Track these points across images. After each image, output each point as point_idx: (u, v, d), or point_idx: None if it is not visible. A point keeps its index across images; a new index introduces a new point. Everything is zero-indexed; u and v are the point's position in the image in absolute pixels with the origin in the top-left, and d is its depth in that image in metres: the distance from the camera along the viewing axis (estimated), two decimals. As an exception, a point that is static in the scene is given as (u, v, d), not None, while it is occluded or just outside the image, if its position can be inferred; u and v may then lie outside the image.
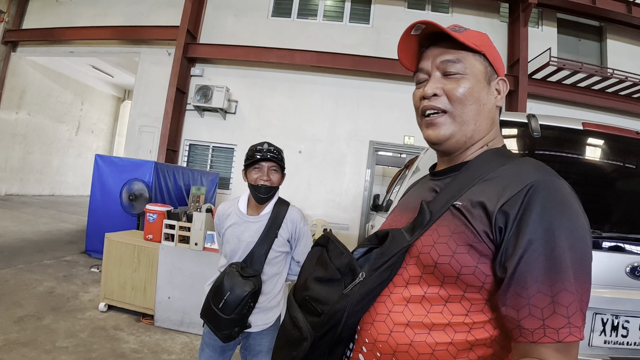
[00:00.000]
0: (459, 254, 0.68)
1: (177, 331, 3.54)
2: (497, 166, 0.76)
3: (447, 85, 0.80)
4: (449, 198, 0.76)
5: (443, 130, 0.81)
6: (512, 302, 0.61)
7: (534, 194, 0.64)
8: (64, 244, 6.28)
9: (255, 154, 1.76)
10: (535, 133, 1.92)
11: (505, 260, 0.64)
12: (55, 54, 10.07)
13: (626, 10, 8.19)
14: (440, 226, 0.73)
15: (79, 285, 4.42)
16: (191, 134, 8.78)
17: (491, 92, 0.82)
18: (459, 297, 0.69)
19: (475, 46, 0.79)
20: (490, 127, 0.83)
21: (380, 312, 0.74)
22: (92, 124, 14.22)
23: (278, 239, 1.81)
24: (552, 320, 0.58)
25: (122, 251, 3.80)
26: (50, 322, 3.34)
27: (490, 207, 0.67)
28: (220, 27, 8.93)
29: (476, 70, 0.80)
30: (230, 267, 1.72)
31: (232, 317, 1.63)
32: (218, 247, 2.04)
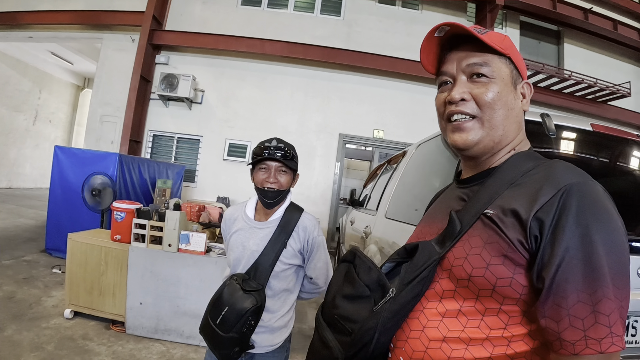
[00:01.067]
0: (493, 265, 0.64)
1: (152, 339, 3.21)
2: (526, 170, 0.72)
3: (474, 89, 0.76)
4: (479, 207, 0.72)
5: (472, 135, 0.77)
6: (552, 313, 0.58)
7: (568, 198, 0.61)
8: (22, 242, 5.76)
9: (262, 151, 1.52)
10: (551, 133, 1.83)
11: (542, 270, 0.60)
12: (13, 39, 9.31)
13: (583, 17, 8.48)
14: (471, 237, 0.70)
15: (41, 288, 4.01)
16: (155, 124, 8.28)
17: (517, 96, 0.78)
18: (495, 310, 0.65)
19: (501, 49, 0.75)
20: (518, 131, 0.79)
21: (414, 328, 0.71)
22: (50, 113, 13.33)
23: (287, 250, 1.55)
24: (593, 331, 0.55)
25: (88, 253, 3.39)
26: (13, 333, 2.97)
27: (524, 215, 0.63)
28: (187, 14, 8.46)
29: (503, 74, 0.76)
30: (232, 279, 1.50)
31: (230, 335, 1.41)
32: (226, 256, 1.77)
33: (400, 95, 8.10)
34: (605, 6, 8.97)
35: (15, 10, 8.81)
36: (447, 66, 0.80)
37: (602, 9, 8.81)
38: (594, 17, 8.53)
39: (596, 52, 9.22)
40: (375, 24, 8.40)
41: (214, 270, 3.14)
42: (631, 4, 9.24)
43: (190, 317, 3.17)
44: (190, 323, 3.18)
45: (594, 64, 9.03)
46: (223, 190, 7.85)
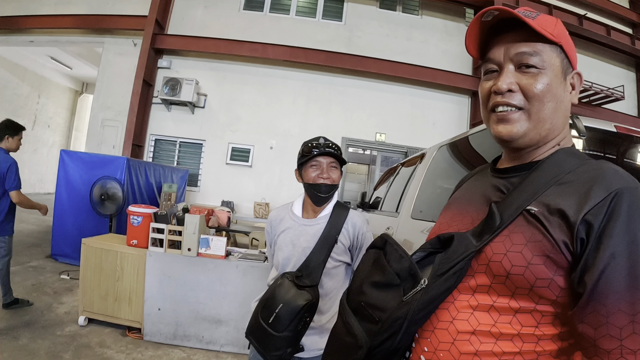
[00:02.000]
0: (534, 265, 0.62)
1: (170, 345, 3.10)
2: (572, 168, 0.68)
3: (522, 80, 0.71)
4: (521, 201, 0.68)
5: (517, 127, 0.72)
6: (590, 319, 0.57)
7: (619, 202, 0.58)
8: (26, 247, 5.60)
9: (312, 149, 1.52)
10: (582, 134, 1.78)
11: (584, 274, 0.58)
12: (14, 43, 9.14)
13: (578, 22, 8.56)
14: (513, 233, 0.66)
15: (51, 295, 3.90)
16: (157, 128, 8.18)
17: (567, 88, 0.72)
18: (530, 309, 0.63)
19: (553, 37, 0.69)
20: (564, 125, 0.74)
21: (443, 320, 0.68)
22: (48, 118, 13.04)
23: (338, 246, 1.53)
24: (630, 341, 0.54)
25: (103, 258, 3.27)
26: (28, 342, 2.87)
27: (572, 216, 0.60)
28: (189, 18, 8.39)
29: (553, 64, 0.70)
30: (283, 277, 1.46)
31: (284, 334, 1.35)
32: (268, 259, 1.76)
33: (402, 99, 8.11)
34: (599, 12, 9.07)
35: (17, 15, 8.68)
36: (494, 53, 0.74)
37: (596, 15, 8.91)
38: (588, 22, 8.62)
39: (591, 57, 9.30)
40: (376, 28, 8.41)
41: (235, 274, 3.08)
42: (624, 10, 9.38)
43: (210, 322, 3.10)
44: (210, 328, 3.10)
45: (588, 68, 9.07)
46: (226, 194, 7.77)
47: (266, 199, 7.77)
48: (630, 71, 9.67)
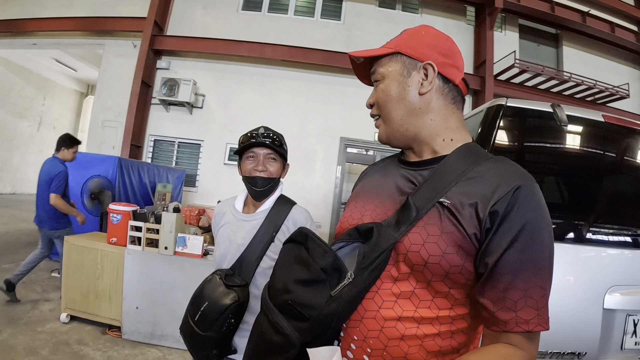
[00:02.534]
0: (448, 254, 0.68)
1: (148, 344, 3.09)
2: (475, 164, 0.75)
3: (375, 94, 0.85)
4: (433, 193, 0.73)
5: (379, 132, 0.86)
6: (490, 294, 0.65)
7: (518, 196, 0.66)
8: (23, 246, 5.70)
9: (249, 139, 1.41)
10: (563, 123, 1.76)
11: (486, 256, 0.66)
12: (18, 46, 9.23)
13: (581, 19, 8.44)
14: (428, 224, 0.71)
15: (39, 292, 3.96)
16: (156, 129, 8.13)
17: (410, 84, 0.80)
18: (445, 293, 0.70)
19: (390, 49, 0.82)
20: (425, 116, 0.81)
21: (370, 309, 0.72)
22: (54, 120, 13.19)
23: (275, 244, 1.41)
24: (523, 313, 0.63)
25: (84, 256, 3.28)
26: (8, 337, 2.90)
27: (482, 210, 0.67)
28: (188, 19, 8.34)
29: (391, 71, 0.82)
30: (214, 274, 1.37)
31: (209, 334, 1.26)
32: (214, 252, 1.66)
33: (401, 98, 7.96)
34: (603, 9, 8.91)
35: (20, 18, 8.74)
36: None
37: (599, 12, 8.75)
38: (591, 20, 8.48)
39: (595, 55, 9.13)
40: (375, 27, 8.29)
41: (212, 274, 2.99)
42: (628, 7, 9.19)
43: (187, 323, 3.02)
44: (187, 329, 3.03)
45: (592, 66, 8.93)
46: (224, 195, 7.65)
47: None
48: (636, 69, 9.48)
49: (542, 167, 1.82)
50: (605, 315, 1.47)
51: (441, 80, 0.81)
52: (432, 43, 0.81)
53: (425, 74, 0.79)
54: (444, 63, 0.80)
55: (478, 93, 7.93)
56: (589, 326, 1.46)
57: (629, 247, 1.62)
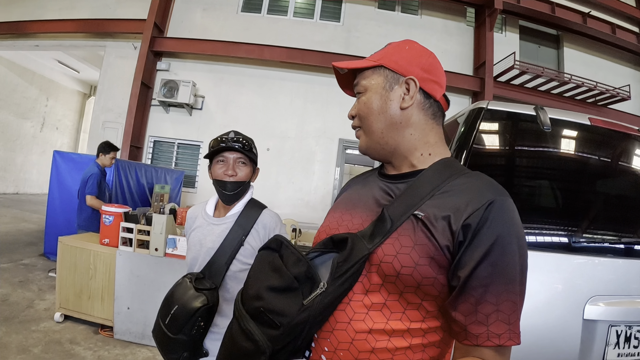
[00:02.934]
0: (420, 265, 0.68)
1: (139, 344, 3.10)
2: (451, 177, 0.76)
3: (357, 105, 0.86)
4: (408, 206, 0.74)
5: (360, 143, 0.88)
6: (462, 308, 0.65)
7: (491, 211, 0.66)
8: (22, 246, 5.74)
9: (219, 144, 1.43)
10: (546, 127, 1.69)
11: (459, 269, 0.66)
12: (21, 47, 9.29)
13: (582, 20, 8.35)
14: (401, 235, 0.71)
15: (35, 292, 3.96)
16: (156, 130, 8.13)
17: (392, 98, 0.81)
18: (417, 305, 0.69)
19: (374, 62, 0.83)
20: (404, 130, 0.81)
21: (341, 321, 0.71)
22: (56, 120, 13.25)
23: (245, 248, 1.42)
24: (495, 327, 0.63)
25: (77, 257, 3.30)
26: (2, 335, 2.94)
27: (455, 223, 0.68)
28: (188, 21, 8.34)
29: (374, 84, 0.82)
30: (184, 278, 1.38)
31: (179, 337, 1.27)
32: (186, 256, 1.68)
33: (400, 99, 7.90)
34: (604, 10, 8.82)
35: (22, 20, 8.80)
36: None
37: (600, 13, 8.66)
38: (592, 21, 8.40)
39: (595, 56, 9.05)
40: (374, 29, 8.25)
41: (200, 275, 3.00)
42: (629, 8, 9.09)
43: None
44: (176, 330, 3.04)
45: (593, 67, 8.85)
46: (223, 196, 7.67)
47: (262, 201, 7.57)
48: (637, 70, 9.39)
49: (522, 171, 1.77)
50: (585, 327, 1.43)
51: (422, 96, 0.81)
52: (414, 58, 0.82)
53: (407, 89, 0.80)
54: (426, 78, 0.81)
55: (478, 95, 7.86)
56: (568, 337, 1.42)
57: (611, 255, 1.57)
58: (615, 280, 1.53)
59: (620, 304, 1.50)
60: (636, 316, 1.51)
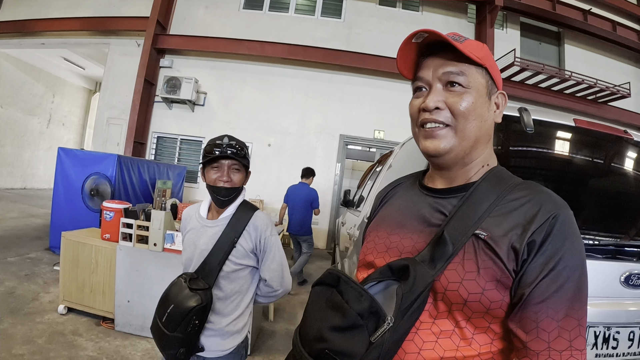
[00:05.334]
0: (488, 290, 0.64)
1: (139, 336, 3.13)
2: (507, 191, 0.71)
3: (449, 98, 0.72)
4: (467, 225, 0.68)
5: (444, 143, 0.73)
6: (523, 324, 0.62)
7: (554, 225, 0.63)
8: (29, 240, 5.76)
9: (213, 149, 1.43)
10: (529, 129, 1.64)
11: (521, 287, 0.63)
12: (27, 45, 9.32)
13: (583, 18, 8.28)
14: (465, 260, 0.66)
15: (40, 285, 4.00)
16: (159, 126, 8.13)
17: (491, 108, 0.75)
18: (484, 329, 0.66)
19: (478, 59, 0.71)
20: (487, 143, 0.76)
21: (410, 351, 0.67)
22: (63, 117, 13.23)
23: (237, 249, 1.46)
24: (557, 344, 0.60)
25: (79, 251, 3.35)
26: (8, 327, 2.99)
27: (519, 241, 0.64)
28: (191, 18, 8.30)
29: (478, 84, 0.73)
30: (179, 278, 1.43)
31: (175, 334, 1.33)
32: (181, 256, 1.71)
33: (401, 96, 7.79)
34: (604, 7, 8.72)
35: (29, 19, 8.83)
36: (423, 72, 0.75)
37: (601, 10, 8.57)
38: (593, 18, 8.32)
39: (596, 53, 8.95)
40: (375, 25, 8.17)
41: (198, 270, 3.01)
42: (629, 5, 8.98)
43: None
44: (175, 322, 3.07)
45: (594, 64, 8.76)
46: (224, 191, 7.66)
47: (261, 196, 7.63)
48: (638, 68, 9.30)
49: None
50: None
51: None
52: (498, 69, 0.76)
53: (496, 103, 0.75)
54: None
55: None
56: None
57: (590, 257, 1.51)
58: (594, 281, 1.49)
59: (600, 305, 1.48)
60: (615, 318, 1.50)
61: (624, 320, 1.51)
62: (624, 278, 1.51)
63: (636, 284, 1.52)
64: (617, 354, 1.52)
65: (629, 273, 1.52)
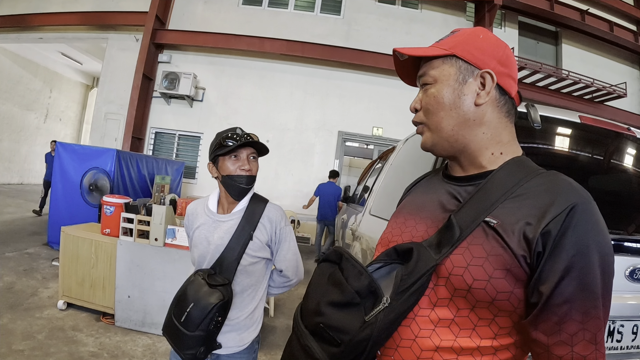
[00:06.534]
0: (495, 279, 0.61)
1: (139, 332, 3.10)
2: (524, 180, 0.67)
3: (423, 98, 0.76)
4: (479, 212, 0.66)
5: (424, 139, 0.78)
6: (544, 327, 0.58)
7: (574, 217, 0.58)
8: (27, 235, 5.75)
9: (227, 141, 1.38)
10: (536, 124, 1.62)
11: (540, 285, 0.59)
12: (25, 40, 9.25)
13: (580, 18, 8.30)
14: (472, 245, 0.64)
15: (39, 280, 3.98)
16: (157, 121, 8.07)
17: (466, 92, 0.71)
18: (488, 321, 0.63)
19: (445, 51, 0.73)
20: (481, 127, 0.72)
21: (406, 337, 0.66)
22: (60, 112, 13.17)
23: (254, 242, 1.42)
24: (580, 347, 0.57)
25: (79, 246, 3.31)
26: (8, 322, 2.96)
27: (532, 231, 0.60)
28: (189, 13, 8.24)
29: (445, 75, 0.73)
30: (196, 275, 1.39)
31: (196, 333, 1.28)
32: (190, 253, 1.65)
33: (399, 93, 7.75)
34: (602, 8, 8.76)
35: (26, 13, 8.73)
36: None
37: (598, 11, 8.61)
38: (590, 18, 8.34)
39: (593, 53, 8.98)
40: (374, 22, 8.14)
41: (200, 265, 2.99)
42: (627, 6, 9.02)
43: (176, 311, 3.02)
44: (175, 317, 3.04)
45: (590, 64, 8.78)
46: (223, 187, 7.64)
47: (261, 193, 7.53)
48: (634, 68, 9.33)
49: None
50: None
51: (497, 92, 0.72)
52: (490, 49, 0.72)
53: (482, 83, 0.71)
54: (502, 72, 0.71)
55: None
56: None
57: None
58: None
59: None
60: (619, 311, 1.48)
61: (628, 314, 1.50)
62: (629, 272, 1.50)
63: (641, 278, 1.53)
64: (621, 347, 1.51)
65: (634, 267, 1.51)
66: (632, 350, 1.53)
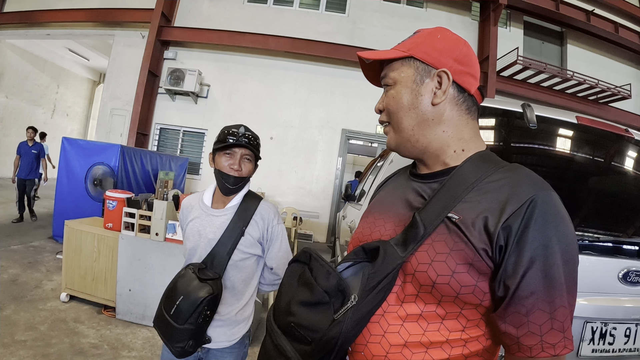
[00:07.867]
0: (458, 273, 0.62)
1: (139, 325, 3.15)
2: (487, 174, 0.68)
3: (385, 99, 0.78)
4: (441, 208, 0.67)
5: (388, 139, 0.80)
6: (512, 319, 0.60)
7: (534, 209, 0.59)
8: (33, 229, 5.82)
9: (227, 137, 1.38)
10: (532, 124, 1.63)
11: (506, 278, 0.60)
12: (33, 36, 9.32)
13: (585, 18, 8.24)
14: (436, 241, 0.65)
15: (43, 272, 4.03)
16: (162, 117, 8.10)
17: (424, 92, 0.72)
18: (455, 315, 0.64)
19: (403, 53, 0.74)
20: (440, 126, 0.73)
21: (375, 333, 0.67)
22: (67, 107, 13.23)
23: (245, 238, 1.43)
24: (549, 336, 0.58)
25: (82, 240, 3.35)
26: (11, 313, 3.01)
27: (492, 225, 0.61)
28: (195, 10, 8.24)
29: (403, 77, 0.74)
30: (187, 269, 1.37)
31: (185, 327, 1.28)
32: (183, 245, 1.64)
33: (403, 92, 7.80)
34: (607, 9, 8.66)
35: (34, 10, 8.80)
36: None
37: (604, 12, 8.52)
38: (596, 19, 8.27)
39: (598, 54, 8.90)
40: (379, 21, 8.11)
41: (199, 259, 3.02)
42: (632, 7, 8.92)
43: (175, 305, 3.06)
44: (175, 311, 3.08)
45: (595, 65, 8.70)
46: (227, 183, 7.67)
47: (263, 189, 7.61)
48: (639, 70, 9.23)
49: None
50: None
51: (456, 90, 0.72)
52: (447, 48, 0.73)
53: (439, 82, 0.72)
54: (460, 71, 0.72)
55: (480, 89, 7.78)
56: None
57: (589, 253, 1.52)
58: (592, 277, 1.49)
59: (597, 301, 1.48)
60: (612, 314, 1.49)
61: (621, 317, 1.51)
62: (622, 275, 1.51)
63: (634, 280, 1.52)
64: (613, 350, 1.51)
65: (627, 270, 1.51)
66: (624, 354, 1.53)
